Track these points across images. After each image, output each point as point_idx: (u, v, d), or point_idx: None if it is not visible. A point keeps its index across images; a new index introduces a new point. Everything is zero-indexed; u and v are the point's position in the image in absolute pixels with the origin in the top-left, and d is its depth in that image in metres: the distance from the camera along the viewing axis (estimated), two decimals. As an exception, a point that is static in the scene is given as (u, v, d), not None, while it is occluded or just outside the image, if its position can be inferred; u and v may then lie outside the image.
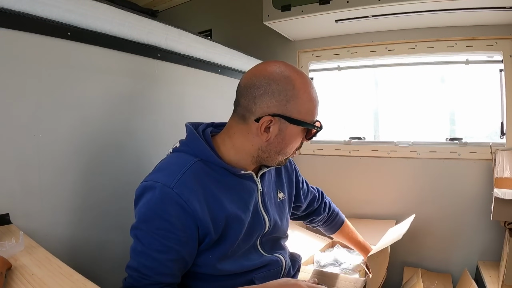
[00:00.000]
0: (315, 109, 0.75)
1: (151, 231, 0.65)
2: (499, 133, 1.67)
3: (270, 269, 0.80)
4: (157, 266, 0.65)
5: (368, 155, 1.93)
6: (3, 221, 0.72)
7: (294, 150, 0.78)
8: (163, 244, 0.65)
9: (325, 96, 2.15)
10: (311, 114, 0.74)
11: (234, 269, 0.74)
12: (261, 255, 0.81)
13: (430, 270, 1.77)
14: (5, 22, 0.71)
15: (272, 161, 0.77)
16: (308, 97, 0.73)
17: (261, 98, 0.71)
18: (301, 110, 0.72)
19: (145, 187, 0.67)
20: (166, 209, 0.65)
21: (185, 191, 0.66)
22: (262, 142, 0.73)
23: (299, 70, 0.76)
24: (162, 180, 0.66)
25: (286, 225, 0.91)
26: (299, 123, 0.72)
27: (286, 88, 0.71)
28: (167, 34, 1.15)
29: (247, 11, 2.16)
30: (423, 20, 1.62)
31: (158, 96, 1.12)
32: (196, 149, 0.73)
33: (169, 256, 0.65)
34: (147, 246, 0.65)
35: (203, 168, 0.71)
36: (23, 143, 0.76)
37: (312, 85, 0.75)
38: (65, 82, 0.85)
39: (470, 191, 1.69)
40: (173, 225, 0.65)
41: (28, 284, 0.52)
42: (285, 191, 0.92)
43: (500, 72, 1.65)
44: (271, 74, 0.72)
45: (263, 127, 0.71)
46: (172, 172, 0.68)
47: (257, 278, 0.76)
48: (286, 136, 0.73)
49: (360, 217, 1.92)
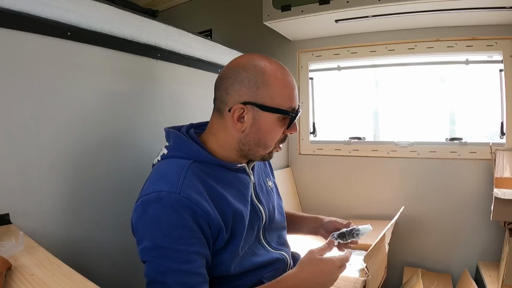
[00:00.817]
0: (290, 96, 0.72)
1: (173, 244, 0.61)
2: (499, 133, 1.67)
3: (277, 267, 0.80)
4: (191, 278, 0.61)
5: (368, 155, 1.93)
6: (3, 221, 0.72)
7: (275, 142, 0.75)
8: (190, 252, 0.62)
9: (325, 96, 2.15)
10: (285, 101, 0.72)
11: (246, 267, 0.73)
12: (267, 250, 0.80)
13: (430, 270, 1.77)
14: (5, 22, 0.71)
15: (255, 155, 0.75)
16: (280, 83, 0.71)
17: (232, 88, 0.71)
18: (273, 96, 0.70)
19: (149, 201, 0.63)
20: (181, 215, 0.61)
21: (192, 194, 0.63)
22: (239, 133, 0.72)
23: (273, 60, 0.74)
24: (166, 189, 0.63)
25: (280, 215, 0.89)
26: (272, 110, 0.70)
27: (256, 75, 0.70)
28: (167, 34, 1.15)
29: (247, 11, 2.16)
30: (423, 20, 1.62)
31: (158, 96, 1.12)
32: (188, 151, 0.72)
33: (199, 262, 0.63)
34: (172, 262, 0.60)
35: (201, 168, 0.70)
36: (23, 143, 0.76)
37: (286, 72, 0.73)
38: (65, 82, 0.85)
39: (470, 191, 1.69)
40: (192, 229, 0.62)
41: (28, 284, 0.52)
42: (271, 178, 0.93)
43: (500, 72, 1.66)
44: (242, 63, 0.72)
45: (236, 116, 0.70)
46: (172, 178, 0.65)
47: (266, 278, 0.76)
48: (262, 125, 0.71)
49: (360, 217, 1.92)
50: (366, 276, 1.24)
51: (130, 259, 0.84)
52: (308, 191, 2.09)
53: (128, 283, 1.00)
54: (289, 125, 0.74)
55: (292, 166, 2.14)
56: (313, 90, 2.12)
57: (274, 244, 0.83)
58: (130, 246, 0.86)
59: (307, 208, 2.06)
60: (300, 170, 2.12)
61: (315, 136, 2.13)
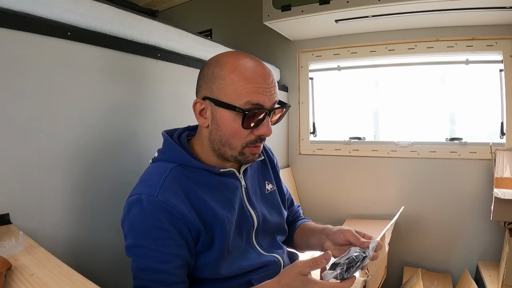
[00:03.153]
0: (247, 91, 0.66)
1: (150, 244, 0.64)
2: (499, 133, 1.67)
3: (268, 270, 0.79)
4: (166, 277, 0.64)
5: (368, 155, 1.93)
6: (3, 221, 0.72)
7: (242, 142, 0.70)
8: (166, 253, 0.64)
9: (325, 96, 2.15)
10: (241, 96, 0.66)
11: (233, 271, 0.73)
12: (259, 254, 0.79)
13: (430, 270, 1.77)
14: (5, 22, 0.71)
15: (226, 156, 0.72)
16: (238, 77, 0.67)
17: (197, 84, 0.73)
18: (227, 92, 0.67)
19: (132, 202, 0.66)
20: (158, 218, 0.64)
21: (169, 197, 0.65)
22: (206, 130, 0.72)
23: (245, 56, 0.70)
24: (145, 192, 0.66)
25: (280, 218, 0.86)
26: (224, 106, 0.67)
27: (214, 70, 0.69)
28: (167, 34, 1.15)
29: (247, 11, 2.16)
30: (423, 20, 1.62)
31: (158, 96, 1.12)
32: (172, 155, 0.73)
33: (174, 263, 0.65)
34: (150, 260, 0.64)
35: (183, 172, 0.71)
36: (23, 143, 0.76)
37: (251, 67, 0.68)
38: (65, 82, 0.84)
39: (470, 191, 1.70)
40: (168, 231, 0.65)
41: (28, 284, 0.52)
42: (273, 182, 0.89)
43: (500, 72, 1.66)
44: (210, 60, 0.73)
45: (197, 111, 0.72)
46: (153, 181, 0.67)
47: (255, 279, 0.75)
48: (219, 122, 0.69)
49: (359, 217, 1.92)
50: (366, 276, 1.24)
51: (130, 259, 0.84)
52: (308, 191, 2.10)
53: (128, 283, 1.00)
54: (243, 121, 0.67)
55: (292, 166, 2.14)
56: (313, 90, 2.12)
57: (266, 247, 0.82)
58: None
59: (307, 208, 2.06)
60: (300, 170, 2.12)
61: (315, 136, 2.13)
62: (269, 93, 0.69)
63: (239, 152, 0.71)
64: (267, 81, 0.68)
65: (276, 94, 0.71)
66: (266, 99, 0.68)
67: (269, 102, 0.69)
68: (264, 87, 0.68)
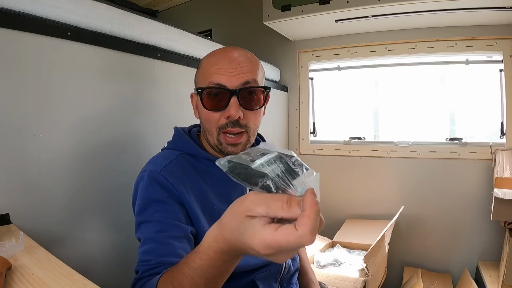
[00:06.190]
0: (209, 72, 0.69)
1: (150, 216, 0.66)
2: (499, 133, 1.67)
3: (270, 269, 0.79)
4: (156, 247, 0.62)
5: (368, 155, 1.93)
6: (3, 221, 0.72)
7: (214, 126, 0.71)
8: (163, 223, 0.65)
9: (325, 96, 2.15)
10: (204, 79, 0.71)
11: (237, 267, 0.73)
12: None
13: (430, 270, 1.77)
14: (5, 22, 0.71)
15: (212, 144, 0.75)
16: (208, 62, 0.71)
17: None
18: (199, 78, 0.74)
19: (137, 181, 0.71)
20: (157, 190, 0.67)
21: (170, 177, 0.68)
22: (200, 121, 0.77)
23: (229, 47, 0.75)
24: (149, 168, 0.70)
25: None
26: (196, 91, 0.74)
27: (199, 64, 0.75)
28: (167, 34, 1.15)
29: (247, 11, 2.16)
30: (423, 20, 1.62)
31: (158, 96, 1.12)
32: (181, 144, 0.77)
33: (171, 233, 0.63)
34: (148, 231, 0.65)
35: (189, 160, 0.73)
36: (23, 143, 0.76)
37: (221, 52, 0.72)
38: (65, 82, 0.84)
39: (470, 191, 1.70)
40: (168, 204, 0.66)
41: (28, 284, 0.52)
42: None
43: (500, 72, 1.66)
44: None
45: (193, 105, 0.78)
46: (159, 161, 0.71)
47: (258, 279, 0.75)
48: (199, 109, 0.74)
49: (359, 217, 1.92)
50: (366, 276, 1.24)
51: (130, 259, 0.84)
52: (308, 191, 2.09)
53: (128, 283, 1.00)
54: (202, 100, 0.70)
55: (292, 166, 2.14)
56: (313, 90, 2.12)
57: None
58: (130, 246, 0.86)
59: (307, 208, 2.06)
60: (300, 170, 2.11)
61: (315, 136, 2.13)
62: (232, 74, 0.68)
63: (217, 139, 0.73)
64: (232, 63, 0.69)
65: (245, 76, 0.69)
66: (228, 79, 0.68)
67: (232, 82, 0.68)
68: (226, 67, 0.68)
